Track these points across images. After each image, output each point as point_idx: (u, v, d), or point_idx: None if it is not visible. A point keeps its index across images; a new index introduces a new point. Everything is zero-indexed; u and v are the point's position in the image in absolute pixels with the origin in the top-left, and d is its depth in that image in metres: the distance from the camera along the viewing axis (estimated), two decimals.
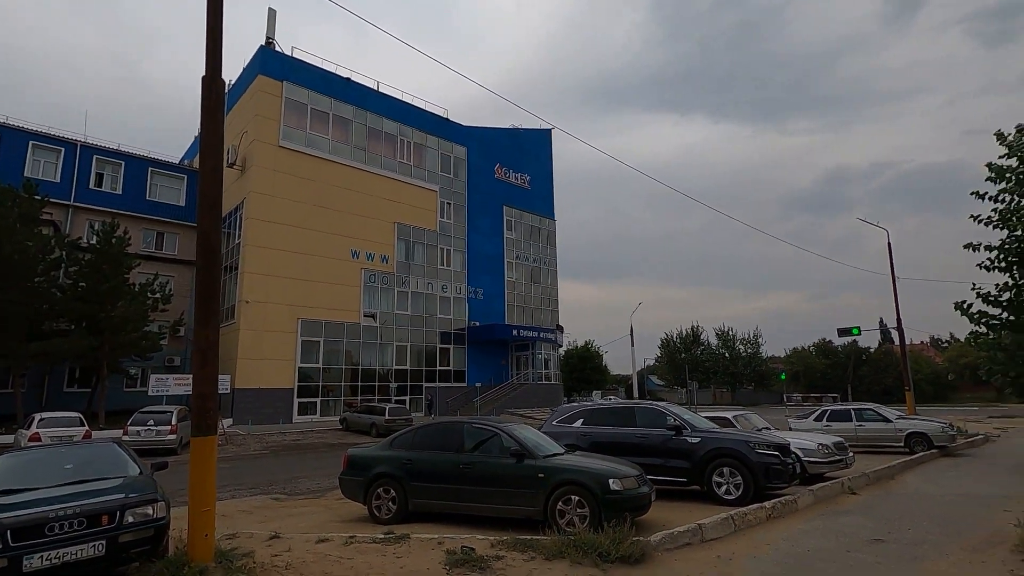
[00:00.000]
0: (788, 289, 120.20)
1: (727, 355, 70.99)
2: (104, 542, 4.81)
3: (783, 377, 61.48)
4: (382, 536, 6.60)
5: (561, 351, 55.81)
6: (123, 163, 34.68)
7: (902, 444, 16.46)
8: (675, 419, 9.90)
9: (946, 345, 78.95)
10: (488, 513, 7.66)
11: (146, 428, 19.03)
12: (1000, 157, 13.99)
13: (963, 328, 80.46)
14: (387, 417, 25.19)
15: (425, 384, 37.89)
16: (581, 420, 11.00)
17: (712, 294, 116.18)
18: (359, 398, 33.95)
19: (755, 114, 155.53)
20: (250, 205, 31.95)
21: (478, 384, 38.04)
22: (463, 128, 44.19)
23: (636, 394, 50.61)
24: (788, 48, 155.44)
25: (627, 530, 6.10)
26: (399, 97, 40.79)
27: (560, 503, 7.11)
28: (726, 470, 9.18)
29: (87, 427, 18.54)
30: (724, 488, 9.18)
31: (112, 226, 27.10)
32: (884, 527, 7.54)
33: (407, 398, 36.71)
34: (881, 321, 77.71)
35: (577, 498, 7.05)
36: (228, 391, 27.74)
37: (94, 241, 26.98)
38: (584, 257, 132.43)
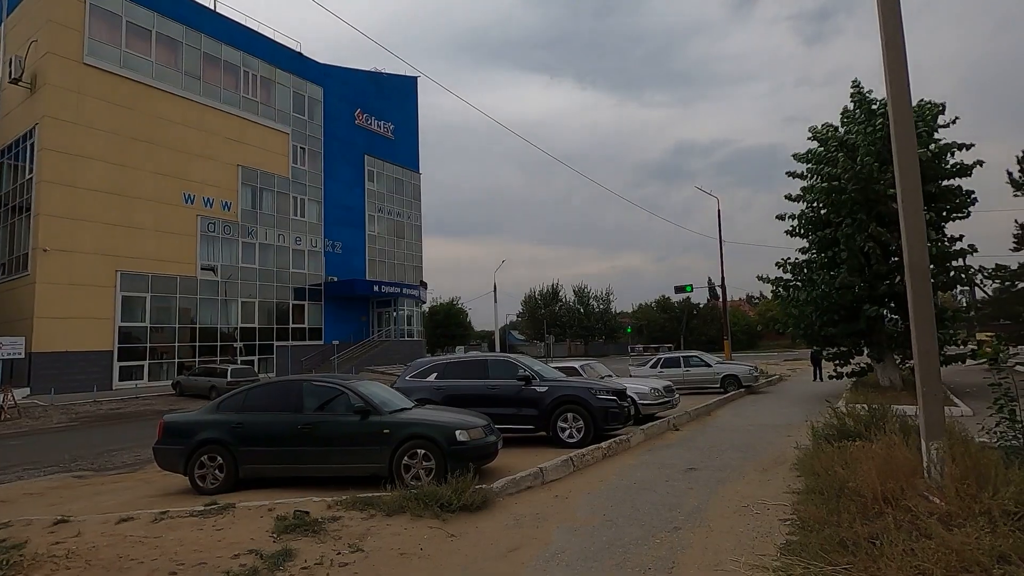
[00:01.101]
0: (638, 250, 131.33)
1: (582, 311, 75.99)
2: None
3: (628, 331, 67.52)
4: (202, 508, 5.93)
5: (425, 307, 55.41)
6: None
7: (719, 385, 18.91)
8: (525, 370, 10.19)
9: (757, 302, 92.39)
10: (331, 473, 7.27)
11: None
12: (809, 139, 16.12)
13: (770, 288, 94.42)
14: (229, 379, 23.07)
15: (276, 343, 35.36)
16: (435, 374, 10.89)
17: (572, 253, 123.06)
18: (197, 360, 30.71)
19: (618, 84, 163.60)
20: (44, 132, 26.39)
21: (335, 342, 36.41)
22: (319, 66, 40.45)
23: (498, 348, 52.23)
24: (648, 23, 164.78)
25: (470, 479, 6.13)
26: (241, 22, 35.96)
27: (406, 457, 6.95)
28: (569, 415, 9.71)
29: None
30: (567, 432, 9.72)
31: None
32: (698, 457, 8.53)
33: (255, 358, 34.02)
34: (709, 280, 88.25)
35: (423, 451, 6.93)
36: (22, 355, 23.38)
37: None
38: (453, 214, 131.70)
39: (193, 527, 5.40)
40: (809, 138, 15.97)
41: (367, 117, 43.74)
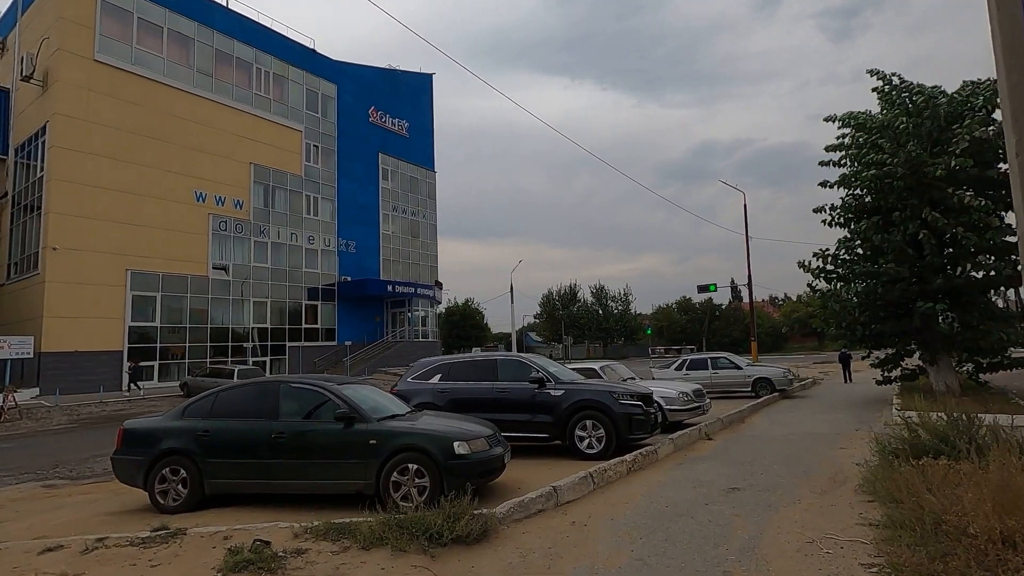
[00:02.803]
0: (657, 252, 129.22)
1: (600, 312, 74.49)
2: None
3: (648, 332, 65.79)
4: (147, 535, 4.95)
5: (440, 308, 54.63)
6: None
7: (749, 389, 17.55)
8: (539, 372, 9.10)
9: (781, 303, 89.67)
10: (309, 491, 6.27)
11: None
12: (839, 128, 14.75)
13: (795, 289, 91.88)
14: (236, 381, 22.33)
15: (289, 344, 34.75)
16: (439, 376, 9.85)
17: (591, 255, 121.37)
18: (208, 360, 30.21)
19: (639, 84, 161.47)
20: (55, 129, 26.11)
21: (348, 343, 35.68)
22: (332, 63, 39.89)
23: (515, 350, 51.12)
24: (670, 22, 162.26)
25: (467, 503, 5.05)
26: (254, 18, 35.55)
27: (395, 473, 5.90)
28: (589, 423, 8.59)
29: None
30: (586, 442, 8.60)
31: None
32: (739, 473, 7.34)
33: (267, 359, 33.46)
34: (732, 281, 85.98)
35: (416, 466, 5.88)
36: (30, 355, 23.00)
37: None
38: (472, 216, 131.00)
39: (125, 562, 4.41)
40: (839, 126, 14.57)
41: (381, 115, 43.09)
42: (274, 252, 34.98)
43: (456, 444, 5.94)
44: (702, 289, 38.07)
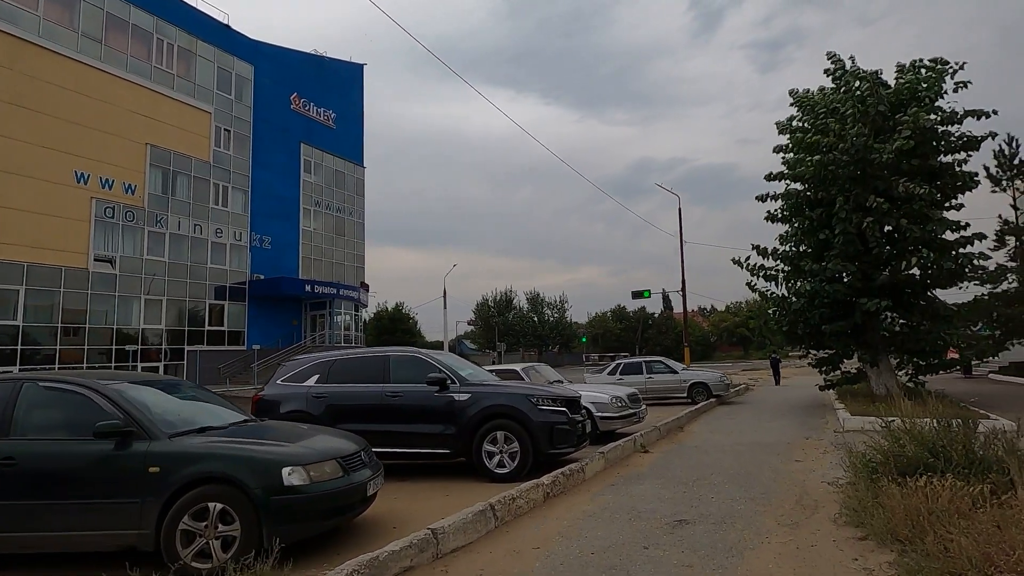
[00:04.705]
0: (596, 264, 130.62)
1: (536, 319, 73.51)
2: None
3: (584, 340, 65.34)
4: None
5: (367, 312, 51.64)
6: None
7: (685, 394, 16.46)
8: (441, 371, 7.22)
9: (710, 313, 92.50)
10: (50, 548, 4.09)
11: None
12: (791, 105, 13.94)
13: (723, 300, 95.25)
14: None
15: (187, 348, 30.96)
16: (316, 376, 7.77)
17: (532, 266, 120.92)
18: (85, 365, 26.15)
19: (582, 100, 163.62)
20: None
21: (256, 347, 32.30)
22: (250, 42, 36.55)
23: None
24: (612, 43, 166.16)
25: (269, 570, 3.10)
26: None
27: (187, 518, 3.85)
28: (500, 435, 6.79)
29: None
30: (497, 459, 6.80)
31: None
32: (685, 497, 5.76)
33: (160, 364, 29.58)
34: (664, 291, 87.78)
35: (220, 506, 3.86)
36: None
37: None
38: (417, 224, 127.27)
39: None
40: (791, 104, 13.78)
41: (305, 102, 39.98)
42: (174, 245, 31.15)
43: (287, 471, 3.97)
44: (636, 295, 37.67)
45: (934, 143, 12.08)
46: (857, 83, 12.46)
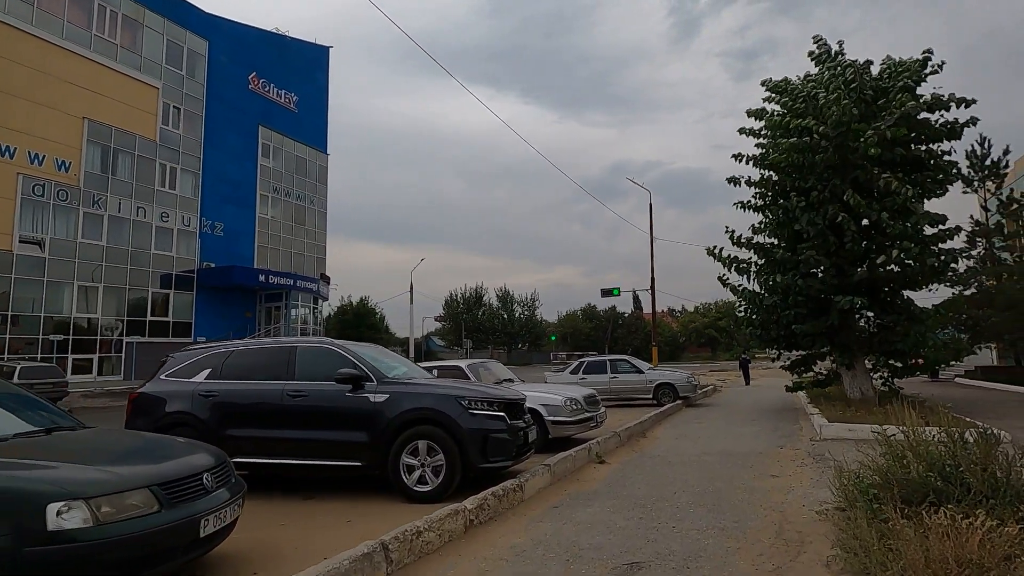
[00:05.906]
0: (571, 264, 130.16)
1: (505, 316, 72.42)
2: None
3: (553, 338, 64.54)
4: None
5: (329, 305, 49.72)
6: None
7: (651, 396, 15.52)
8: (355, 366, 5.97)
9: (679, 314, 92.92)
10: None
11: None
12: (765, 98, 13.09)
13: (693, 301, 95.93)
14: (17, 380, 17.09)
15: (127, 339, 28.79)
16: (207, 371, 6.43)
17: (508, 265, 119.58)
18: (7, 356, 23.91)
19: (561, 101, 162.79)
20: None
21: (202, 339, 30.29)
22: (204, 15, 34.40)
23: (413, 355, 47.36)
24: (593, 46, 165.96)
25: None
26: None
27: None
28: (423, 444, 5.58)
29: None
30: (417, 474, 5.58)
31: None
32: (641, 525, 4.65)
33: (95, 356, 27.44)
34: (634, 291, 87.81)
35: None
36: None
37: None
38: (392, 219, 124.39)
39: None
40: (766, 91, 12.90)
41: (264, 83, 37.97)
42: (113, 228, 28.95)
43: (54, 509, 2.69)
44: (606, 293, 36.95)
45: (917, 131, 11.33)
46: (842, 69, 11.65)
